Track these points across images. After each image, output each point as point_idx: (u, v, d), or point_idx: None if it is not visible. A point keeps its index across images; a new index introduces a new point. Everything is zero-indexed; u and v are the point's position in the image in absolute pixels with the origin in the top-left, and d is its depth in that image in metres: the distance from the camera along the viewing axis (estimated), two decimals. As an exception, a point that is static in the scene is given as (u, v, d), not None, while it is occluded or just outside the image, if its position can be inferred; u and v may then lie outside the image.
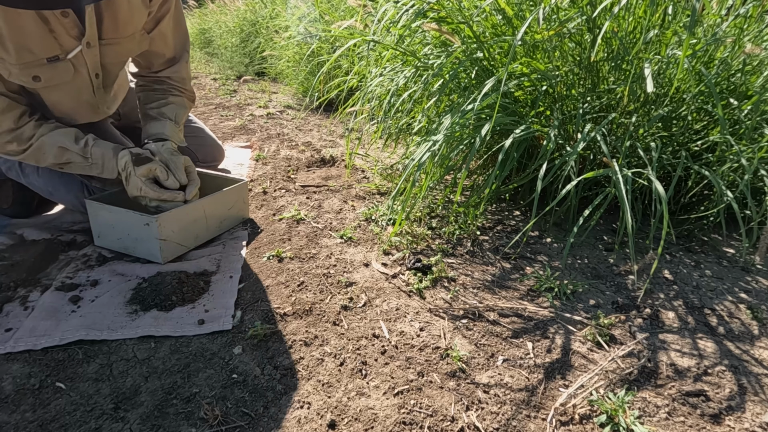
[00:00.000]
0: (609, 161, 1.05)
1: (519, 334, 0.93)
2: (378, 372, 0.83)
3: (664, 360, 0.87)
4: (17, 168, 1.31)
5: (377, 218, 1.38)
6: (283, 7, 3.81)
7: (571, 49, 1.35)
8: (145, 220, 1.11)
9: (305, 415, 0.75)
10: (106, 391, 0.79)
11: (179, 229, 1.18)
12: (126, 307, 0.99)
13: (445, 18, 1.33)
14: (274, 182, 1.68)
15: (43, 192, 1.34)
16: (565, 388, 0.81)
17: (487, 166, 1.54)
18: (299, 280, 1.09)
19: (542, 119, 1.35)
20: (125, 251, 1.20)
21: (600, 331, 0.92)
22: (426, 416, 0.75)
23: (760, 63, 1.26)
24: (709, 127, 1.29)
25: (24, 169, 1.31)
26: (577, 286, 1.07)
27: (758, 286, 1.11)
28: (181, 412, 0.75)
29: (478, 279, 1.11)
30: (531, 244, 1.26)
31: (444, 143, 1.19)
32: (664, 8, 1.20)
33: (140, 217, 1.12)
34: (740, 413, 0.77)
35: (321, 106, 2.97)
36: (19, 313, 0.97)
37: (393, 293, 1.05)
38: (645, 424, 0.74)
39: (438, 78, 1.35)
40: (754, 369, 0.86)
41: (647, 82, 0.97)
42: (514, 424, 0.74)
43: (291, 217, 1.40)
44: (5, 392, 0.78)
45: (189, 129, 1.69)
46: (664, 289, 1.08)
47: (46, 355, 0.86)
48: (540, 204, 1.41)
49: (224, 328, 0.93)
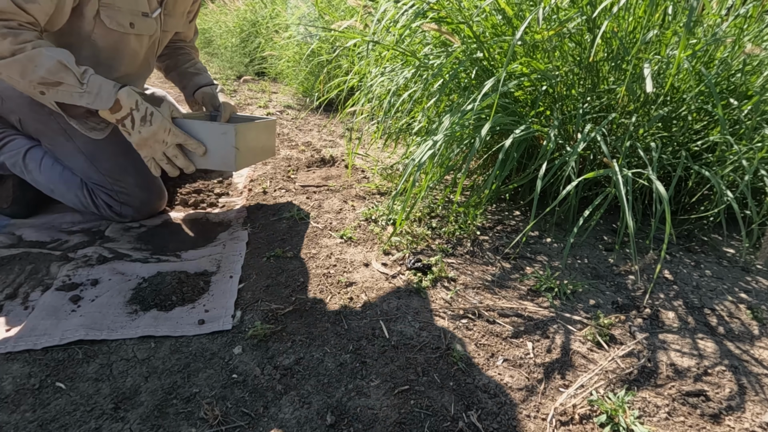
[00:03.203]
0: (609, 161, 1.05)
1: (519, 334, 0.93)
2: (378, 372, 0.84)
3: (664, 360, 0.87)
4: (21, 164, 1.32)
5: (377, 218, 1.38)
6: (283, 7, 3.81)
7: (571, 49, 1.35)
8: (223, 129, 1.22)
9: (305, 415, 0.75)
10: (106, 391, 0.79)
11: (245, 144, 1.29)
12: (126, 306, 0.99)
13: (444, 18, 1.33)
14: (274, 182, 1.68)
15: (45, 189, 1.34)
16: (565, 388, 0.81)
17: (487, 166, 1.54)
18: (299, 280, 1.09)
19: (542, 119, 1.35)
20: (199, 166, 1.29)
21: (600, 331, 0.92)
22: (426, 416, 0.75)
23: (760, 63, 1.26)
24: (709, 127, 1.29)
25: (27, 165, 1.32)
26: (577, 286, 1.07)
27: (758, 286, 1.11)
28: (181, 412, 0.75)
29: (478, 279, 1.11)
30: (531, 244, 1.26)
31: (444, 143, 1.19)
32: (664, 8, 1.20)
33: (219, 126, 1.23)
34: (740, 413, 0.77)
35: (321, 106, 2.96)
36: (19, 313, 0.97)
37: (393, 293, 1.05)
38: (645, 424, 0.74)
39: (438, 78, 1.35)
40: (754, 369, 0.86)
41: (647, 82, 0.97)
42: (514, 424, 0.74)
43: (291, 217, 1.40)
44: (5, 392, 0.78)
45: None
46: (664, 289, 1.08)
47: (46, 355, 0.86)
48: (540, 204, 1.41)
49: (224, 328, 0.93)
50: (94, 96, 1.12)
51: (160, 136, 1.18)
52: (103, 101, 1.13)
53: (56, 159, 1.35)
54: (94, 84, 1.12)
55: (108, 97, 1.13)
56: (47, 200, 1.47)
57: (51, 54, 1.07)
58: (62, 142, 1.30)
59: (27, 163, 1.32)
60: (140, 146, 1.20)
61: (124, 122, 1.17)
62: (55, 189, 1.33)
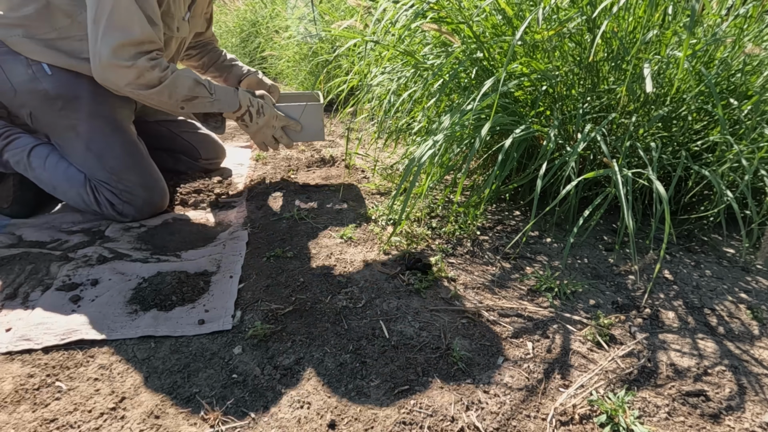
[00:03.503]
0: (609, 161, 1.05)
1: (519, 334, 0.93)
2: (378, 372, 0.84)
3: (664, 360, 0.87)
4: (26, 161, 1.33)
5: (377, 218, 1.38)
6: (283, 7, 3.81)
7: (571, 49, 1.35)
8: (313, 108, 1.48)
9: (305, 415, 0.75)
10: (106, 391, 0.79)
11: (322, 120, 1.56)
12: (126, 306, 0.99)
13: (444, 18, 1.33)
14: (274, 182, 1.68)
15: (47, 187, 1.35)
16: (565, 388, 0.81)
17: (487, 166, 1.54)
18: (299, 280, 1.09)
19: (542, 119, 1.35)
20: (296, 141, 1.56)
21: (600, 331, 0.92)
22: (426, 416, 0.75)
23: (760, 63, 1.26)
24: (709, 127, 1.29)
25: (32, 162, 1.33)
26: (577, 286, 1.07)
27: (758, 286, 1.11)
28: (181, 412, 0.75)
29: (478, 279, 1.11)
30: (531, 244, 1.26)
31: (444, 143, 1.19)
32: (664, 8, 1.20)
33: (310, 106, 1.48)
34: (740, 413, 0.77)
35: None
36: (19, 313, 0.97)
37: (393, 293, 1.05)
38: (645, 424, 0.74)
39: (438, 78, 1.35)
40: (754, 369, 0.86)
41: (647, 82, 0.97)
42: (514, 424, 0.74)
43: (291, 217, 1.40)
44: (5, 392, 0.78)
45: (188, 125, 1.71)
46: (664, 289, 1.08)
47: (46, 355, 0.86)
48: (540, 204, 1.41)
49: (224, 328, 0.93)
50: (222, 102, 1.32)
51: (270, 123, 1.44)
52: (230, 105, 1.34)
53: (61, 157, 1.35)
54: (219, 92, 1.32)
55: (233, 100, 1.34)
56: (47, 200, 1.47)
57: (185, 74, 1.26)
58: (71, 138, 1.31)
59: (31, 160, 1.33)
60: (256, 134, 1.45)
61: (244, 117, 1.39)
62: (57, 186, 1.34)
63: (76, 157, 1.33)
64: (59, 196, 1.37)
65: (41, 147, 1.35)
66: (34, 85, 1.26)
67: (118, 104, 1.38)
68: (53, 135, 1.34)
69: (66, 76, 1.28)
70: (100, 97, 1.32)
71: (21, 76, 1.26)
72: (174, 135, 1.67)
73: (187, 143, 1.69)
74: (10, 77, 1.26)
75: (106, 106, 1.34)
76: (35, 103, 1.28)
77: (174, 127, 1.68)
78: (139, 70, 1.17)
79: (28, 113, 1.31)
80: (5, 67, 1.26)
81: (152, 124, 1.64)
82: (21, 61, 1.25)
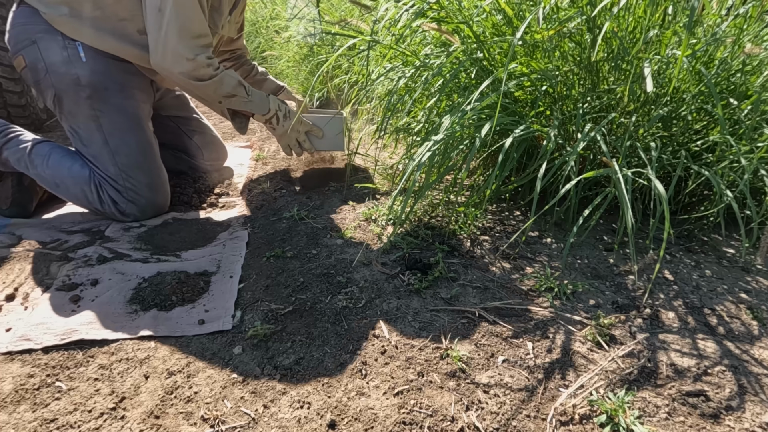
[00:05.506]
0: (609, 161, 1.05)
1: (519, 334, 0.93)
2: (378, 372, 0.84)
3: (664, 360, 0.87)
4: (27, 159, 1.33)
5: (377, 218, 1.38)
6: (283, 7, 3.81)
7: (571, 49, 1.35)
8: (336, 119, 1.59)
9: (305, 415, 0.75)
10: (106, 391, 0.79)
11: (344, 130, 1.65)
12: (126, 306, 0.99)
13: (444, 18, 1.33)
14: (274, 182, 1.68)
15: (49, 184, 1.35)
16: (565, 388, 0.81)
17: (488, 166, 1.54)
18: (299, 280, 1.09)
19: (542, 119, 1.35)
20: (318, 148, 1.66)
21: (600, 331, 0.92)
22: (426, 416, 0.75)
23: (760, 63, 1.26)
24: (709, 127, 1.29)
25: (33, 160, 1.33)
26: (577, 286, 1.07)
27: (758, 286, 1.11)
28: (181, 412, 0.75)
29: (478, 279, 1.11)
30: (531, 244, 1.26)
31: (444, 143, 1.19)
32: (664, 8, 1.20)
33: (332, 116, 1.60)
34: (740, 413, 0.77)
35: (321, 105, 2.96)
36: (19, 313, 0.97)
37: (393, 293, 1.05)
38: (645, 424, 0.74)
39: (438, 78, 1.35)
40: (754, 369, 0.86)
41: (647, 82, 0.97)
42: (514, 424, 0.74)
43: (291, 217, 1.40)
44: (5, 392, 0.78)
45: (196, 124, 1.71)
46: (664, 289, 1.08)
47: (46, 355, 0.86)
48: (540, 204, 1.41)
49: (224, 328, 0.93)
50: (255, 104, 1.45)
51: (296, 127, 1.55)
52: (261, 107, 1.47)
53: (64, 154, 1.35)
54: (255, 95, 1.45)
55: (264, 104, 1.47)
56: (47, 200, 1.47)
57: (230, 74, 1.38)
58: (92, 128, 1.32)
59: (33, 158, 1.33)
60: (282, 136, 1.56)
61: (272, 120, 1.51)
62: (60, 183, 1.34)
63: (92, 147, 1.33)
64: (61, 194, 1.37)
65: (42, 145, 1.35)
66: (67, 68, 1.27)
67: (143, 99, 1.40)
68: (72, 121, 1.32)
69: (99, 64, 1.29)
70: (128, 91, 1.34)
71: (55, 56, 1.26)
72: (180, 132, 1.68)
73: (191, 142, 1.69)
74: (44, 56, 1.27)
75: (132, 101, 1.36)
76: (63, 86, 1.28)
77: (183, 124, 1.69)
78: (197, 65, 1.27)
79: (53, 95, 1.30)
80: (41, 45, 1.26)
81: (162, 117, 1.64)
82: (57, 41, 1.26)
